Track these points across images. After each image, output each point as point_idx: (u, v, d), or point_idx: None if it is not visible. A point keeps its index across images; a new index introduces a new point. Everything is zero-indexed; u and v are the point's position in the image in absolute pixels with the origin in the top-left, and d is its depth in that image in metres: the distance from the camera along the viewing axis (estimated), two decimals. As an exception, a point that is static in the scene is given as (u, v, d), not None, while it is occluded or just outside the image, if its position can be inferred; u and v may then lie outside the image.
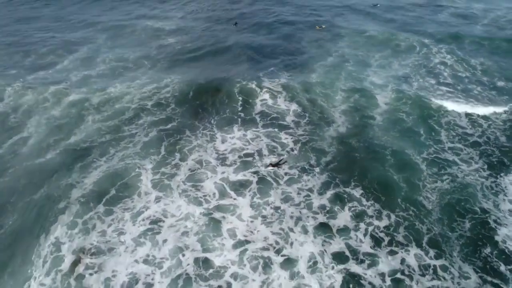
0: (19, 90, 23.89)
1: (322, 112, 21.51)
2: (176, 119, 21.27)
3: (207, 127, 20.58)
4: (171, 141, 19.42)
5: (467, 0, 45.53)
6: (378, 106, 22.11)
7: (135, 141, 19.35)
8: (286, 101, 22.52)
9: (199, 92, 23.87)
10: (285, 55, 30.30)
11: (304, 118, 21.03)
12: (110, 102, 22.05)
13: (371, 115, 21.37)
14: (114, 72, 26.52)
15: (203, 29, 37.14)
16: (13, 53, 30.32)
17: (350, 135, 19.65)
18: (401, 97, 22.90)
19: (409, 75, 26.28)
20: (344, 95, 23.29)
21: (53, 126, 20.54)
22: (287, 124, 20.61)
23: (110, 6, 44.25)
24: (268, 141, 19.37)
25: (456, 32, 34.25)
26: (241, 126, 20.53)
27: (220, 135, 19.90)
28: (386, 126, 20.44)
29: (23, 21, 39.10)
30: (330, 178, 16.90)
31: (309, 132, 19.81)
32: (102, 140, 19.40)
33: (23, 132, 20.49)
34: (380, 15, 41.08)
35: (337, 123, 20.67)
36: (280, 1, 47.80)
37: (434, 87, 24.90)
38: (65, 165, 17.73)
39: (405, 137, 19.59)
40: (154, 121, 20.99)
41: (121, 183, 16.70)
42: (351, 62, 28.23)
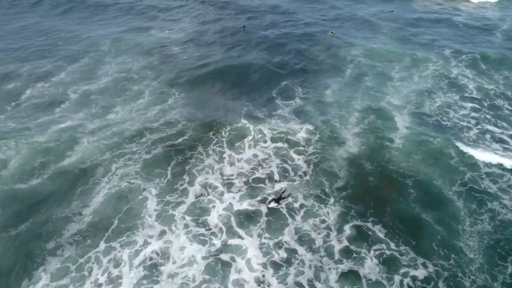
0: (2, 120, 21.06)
1: (336, 135, 19.42)
2: (186, 135, 19.47)
3: (217, 144, 18.83)
4: (180, 159, 17.73)
5: (483, 9, 43.43)
6: (397, 129, 19.98)
7: (141, 160, 17.54)
8: (299, 125, 20.46)
9: (208, 107, 22.27)
10: (297, 66, 28.60)
11: (317, 141, 18.95)
12: (108, 127, 20.07)
13: (389, 137, 19.24)
14: (116, 86, 24.75)
15: (210, 37, 35.51)
16: (10, 61, 28.73)
17: (365, 160, 17.66)
18: (423, 119, 20.90)
19: (430, 90, 24.23)
20: (360, 116, 21.25)
21: (38, 149, 18.17)
22: (299, 147, 18.60)
23: (115, 14, 42.83)
24: (279, 162, 17.55)
25: (476, 43, 32.31)
26: (251, 148, 18.65)
27: (229, 153, 18.14)
28: (407, 151, 18.26)
29: (26, 27, 37.74)
30: (346, 209, 15.01)
31: (322, 157, 17.84)
32: (103, 159, 17.39)
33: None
34: (395, 22, 39.20)
35: (351, 147, 18.61)
36: (289, 9, 46.11)
37: (458, 104, 22.82)
38: (58, 191, 15.83)
39: (430, 164, 17.41)
40: (161, 138, 19.22)
41: (126, 209, 14.94)
42: (368, 76, 26.33)
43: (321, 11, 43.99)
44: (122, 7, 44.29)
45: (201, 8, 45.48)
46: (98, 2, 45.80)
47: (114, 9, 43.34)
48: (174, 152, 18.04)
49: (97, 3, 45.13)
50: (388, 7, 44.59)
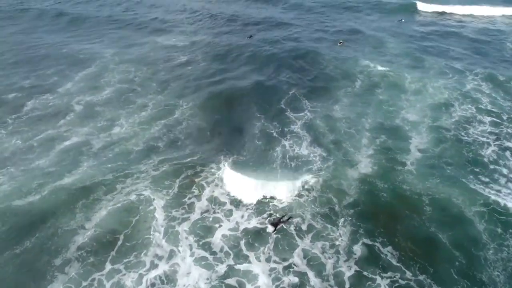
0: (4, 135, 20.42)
1: (348, 159, 18.45)
2: (193, 153, 18.92)
3: (224, 165, 18.06)
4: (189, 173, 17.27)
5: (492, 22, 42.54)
6: (412, 150, 19.01)
7: (149, 175, 17.07)
8: (309, 143, 19.74)
9: (217, 124, 21.73)
10: (306, 77, 27.97)
11: (327, 161, 18.13)
12: (113, 145, 19.52)
13: (403, 160, 18.21)
14: (120, 98, 24.28)
15: (217, 46, 35.03)
16: (16, 71, 28.37)
17: (377, 180, 16.72)
18: (440, 136, 20.08)
19: (446, 104, 23.33)
20: (372, 136, 20.34)
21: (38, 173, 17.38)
22: (309, 166, 17.87)
23: (120, 23, 42.61)
24: (287, 183, 16.71)
25: (488, 54, 31.50)
26: (260, 170, 17.77)
27: (236, 173, 17.30)
28: (423, 172, 17.33)
29: (31, 34, 37.58)
30: (356, 228, 14.39)
31: (332, 176, 17.00)
32: (106, 178, 16.86)
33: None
34: (403, 33, 38.52)
35: (363, 168, 17.60)
36: (296, 20, 45.55)
37: (476, 119, 21.94)
38: (60, 207, 15.34)
39: (447, 185, 16.44)
40: (167, 157, 18.66)
41: (133, 224, 14.52)
42: (380, 88, 25.56)
43: (329, 21, 43.39)
44: (127, 19, 44.08)
45: (208, 17, 45.16)
46: (104, 15, 45.63)
47: (120, 20, 43.10)
48: (181, 169, 17.50)
49: (103, 16, 44.93)
50: (397, 17, 43.94)
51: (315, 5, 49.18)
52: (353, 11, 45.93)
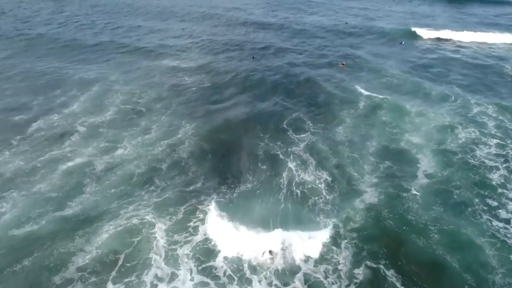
0: (8, 156, 20.14)
1: (352, 186, 18.19)
2: (198, 182, 18.53)
3: (228, 192, 17.82)
4: (192, 202, 16.91)
5: (492, 48, 43.44)
6: (418, 176, 18.80)
7: (152, 202, 16.73)
8: (312, 168, 19.51)
9: (221, 148, 21.50)
10: (308, 97, 28.30)
11: (332, 189, 17.86)
12: (116, 167, 19.36)
13: (409, 187, 17.92)
14: (124, 119, 24.33)
15: (221, 67, 35.51)
16: (24, 91, 28.58)
17: (383, 206, 16.47)
18: (446, 160, 19.98)
19: (450, 127, 23.37)
20: (375, 160, 20.23)
21: (40, 199, 16.99)
22: (315, 196, 17.52)
23: (125, 48, 43.46)
24: (292, 211, 16.45)
25: (488, 79, 31.83)
26: (263, 201, 17.27)
27: (239, 203, 16.98)
28: (429, 198, 17.11)
29: (36, 58, 38.14)
30: (359, 250, 14.18)
31: (338, 206, 16.68)
32: (110, 207, 16.54)
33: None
34: (404, 57, 39.27)
35: (368, 196, 17.33)
36: (298, 41, 46.64)
37: (482, 141, 21.91)
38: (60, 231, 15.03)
39: (455, 213, 16.22)
40: (170, 182, 18.38)
41: (134, 245, 14.28)
42: (383, 110, 25.69)
43: (331, 46, 44.30)
44: (131, 44, 44.92)
45: (212, 42, 46.03)
46: (108, 40, 46.59)
47: (124, 45, 43.85)
48: (185, 198, 17.20)
49: (107, 41, 45.79)
50: (397, 41, 44.99)
51: (317, 31, 50.39)
52: (355, 36, 47.03)
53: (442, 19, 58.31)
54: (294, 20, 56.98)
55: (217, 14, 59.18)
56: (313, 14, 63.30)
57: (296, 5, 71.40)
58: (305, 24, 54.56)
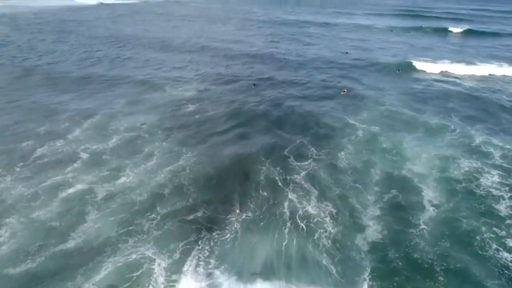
0: (9, 182, 20.06)
1: (353, 213, 17.94)
2: (199, 211, 18.28)
3: (229, 224, 17.49)
4: (194, 236, 16.42)
5: (491, 81, 44.34)
6: (423, 208, 18.44)
7: (150, 238, 16.29)
8: (314, 199, 19.27)
9: (223, 175, 21.43)
10: (310, 124, 28.71)
11: (336, 221, 17.49)
12: (117, 195, 19.29)
13: (415, 222, 17.50)
14: (127, 146, 24.51)
15: (222, 94, 36.31)
16: (32, 118, 28.99)
17: (388, 245, 15.94)
18: (451, 190, 19.78)
19: (452, 156, 23.34)
20: (380, 189, 20.04)
21: (40, 229, 16.68)
22: (318, 227, 17.17)
23: (130, 74, 44.74)
24: (296, 250, 15.88)
25: (488, 110, 32.21)
26: (266, 235, 16.63)
27: (242, 241, 16.39)
28: (437, 233, 16.60)
29: (48, 85, 39.17)
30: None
31: (341, 244, 16.13)
32: (110, 237, 16.18)
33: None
34: (403, 86, 40.11)
35: (372, 231, 16.87)
36: (299, 68, 47.98)
37: (485, 170, 21.80)
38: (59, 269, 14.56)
39: (462, 247, 15.76)
40: (172, 212, 18.10)
41: (131, 282, 13.74)
42: (382, 137, 25.87)
43: (331, 76, 45.50)
44: (135, 76, 46.27)
45: (214, 70, 47.44)
46: (112, 74, 48.07)
47: (128, 77, 45.22)
48: (186, 231, 16.86)
49: (110, 75, 47.32)
50: (395, 70, 46.31)
51: (318, 62, 51.87)
52: (354, 67, 48.19)
53: (439, 51, 60.00)
54: (295, 52, 58.89)
55: (219, 47, 60.80)
56: (313, 45, 65.49)
57: (297, 37, 73.95)
58: (306, 55, 56.32)
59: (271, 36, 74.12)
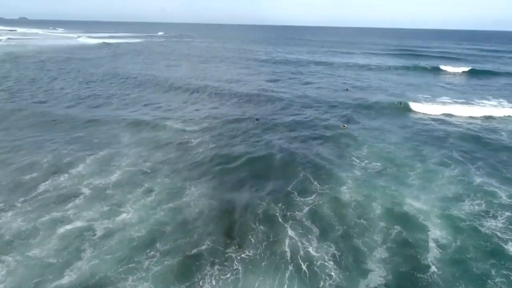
0: (10, 217, 19.94)
1: (359, 262, 17.22)
2: (199, 241, 18.19)
3: (230, 261, 17.04)
4: (194, 274, 16.00)
5: (488, 122, 44.86)
6: (429, 247, 18.02)
7: (149, 276, 15.84)
8: (316, 239, 18.87)
9: (225, 210, 21.39)
10: (312, 159, 28.98)
11: (339, 265, 16.84)
12: (117, 232, 19.05)
13: (423, 263, 16.95)
14: (129, 181, 24.58)
15: (225, 129, 37.03)
16: (37, 152, 29.47)
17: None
18: (456, 228, 19.43)
19: (454, 195, 23.12)
20: (383, 227, 19.73)
21: (37, 266, 16.32)
22: (320, 271, 16.58)
23: (136, 107, 45.98)
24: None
25: (486, 149, 32.22)
26: (267, 278, 16.09)
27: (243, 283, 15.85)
28: (446, 276, 16.01)
29: (51, 122, 40.07)
30: None
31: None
32: (107, 275, 15.72)
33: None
34: (400, 125, 40.64)
35: (376, 274, 16.28)
36: (301, 103, 49.19)
37: (489, 208, 21.47)
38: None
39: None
40: (173, 246, 17.88)
41: None
42: (382, 176, 25.82)
43: (331, 109, 46.82)
44: (135, 116, 47.37)
45: (215, 107, 48.59)
46: (114, 115, 49.34)
47: (129, 118, 46.35)
48: (188, 269, 16.44)
49: (112, 116, 48.58)
50: (395, 105, 47.18)
51: (319, 99, 53.28)
52: (354, 105, 49.19)
53: (438, 90, 61.20)
54: (296, 89, 60.71)
55: (221, 86, 61.46)
56: (314, 83, 67.51)
57: (298, 76, 76.25)
58: (307, 92, 57.99)
59: (272, 75, 76.48)
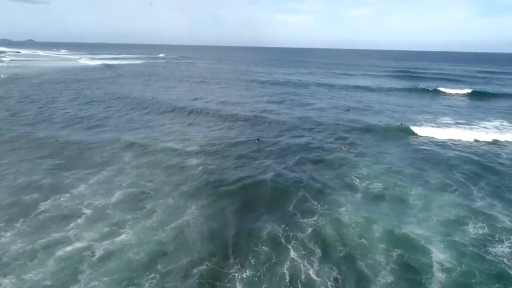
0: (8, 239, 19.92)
1: (361, 277, 17.14)
2: (201, 263, 18.11)
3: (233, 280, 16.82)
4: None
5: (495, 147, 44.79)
6: (433, 272, 17.68)
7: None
8: (318, 260, 18.65)
9: (227, 228, 21.55)
10: (313, 180, 29.01)
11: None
12: (117, 253, 18.98)
13: (426, 283, 16.80)
14: (130, 202, 24.63)
15: (225, 149, 37.29)
16: (38, 170, 29.78)
17: None
18: (461, 256, 19.00)
19: (456, 220, 22.79)
20: (385, 249, 19.49)
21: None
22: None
23: (138, 126, 46.68)
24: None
25: (490, 174, 31.42)
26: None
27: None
28: None
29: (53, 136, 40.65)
30: None
31: None
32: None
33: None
34: (402, 148, 40.71)
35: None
36: (301, 123, 49.66)
37: (492, 233, 21.15)
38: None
39: None
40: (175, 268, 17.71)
41: None
42: (382, 199, 25.62)
43: (333, 129, 47.18)
44: (140, 135, 48.04)
45: (216, 123, 49.24)
46: (115, 138, 50.06)
47: (133, 139, 47.08)
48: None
49: (112, 139, 49.31)
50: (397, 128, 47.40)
51: (320, 120, 53.70)
52: (356, 126, 49.27)
53: (438, 112, 60.69)
54: (297, 110, 61.53)
55: (222, 108, 61.09)
56: (315, 104, 68.31)
57: (298, 97, 77.11)
58: (308, 112, 58.70)
59: (273, 96, 77.60)
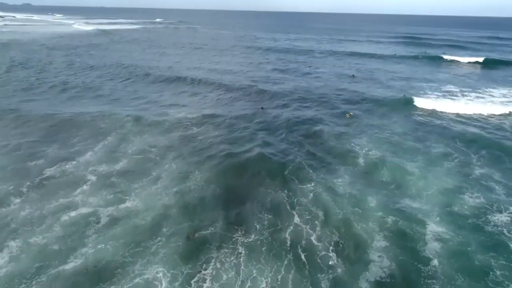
0: (18, 204, 20.48)
1: (360, 253, 17.33)
2: (205, 225, 18.89)
3: (232, 248, 17.39)
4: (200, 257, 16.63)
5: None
6: (429, 240, 17.96)
7: (159, 255, 16.54)
8: (318, 227, 19.09)
9: (229, 193, 22.03)
10: (312, 149, 29.16)
11: (339, 254, 17.13)
12: (123, 219, 19.42)
13: (423, 256, 17.00)
14: (136, 168, 24.93)
15: (227, 117, 36.97)
16: (44, 135, 30.04)
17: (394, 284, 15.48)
18: (458, 223, 19.36)
19: (456, 190, 22.91)
20: (380, 218, 19.74)
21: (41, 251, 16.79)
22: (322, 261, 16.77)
23: (139, 96, 45.94)
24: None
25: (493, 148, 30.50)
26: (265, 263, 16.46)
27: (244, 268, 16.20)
28: (448, 272, 15.95)
29: (55, 105, 40.23)
30: None
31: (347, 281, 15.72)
32: (113, 259, 16.20)
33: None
34: (405, 120, 39.89)
35: (377, 266, 16.36)
36: (306, 91, 48.88)
37: (492, 207, 21.21)
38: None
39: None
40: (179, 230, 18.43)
41: None
42: (380, 169, 25.56)
43: (336, 97, 46.38)
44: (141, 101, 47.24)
45: (217, 90, 48.66)
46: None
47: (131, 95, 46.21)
48: (194, 251, 16.95)
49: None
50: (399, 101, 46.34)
51: (323, 87, 52.84)
52: (360, 94, 48.32)
53: (445, 81, 58.54)
54: (301, 77, 60.40)
55: (224, 77, 58.87)
56: (319, 71, 66.88)
57: (302, 64, 75.05)
58: (311, 81, 57.33)
59: (278, 63, 75.69)
